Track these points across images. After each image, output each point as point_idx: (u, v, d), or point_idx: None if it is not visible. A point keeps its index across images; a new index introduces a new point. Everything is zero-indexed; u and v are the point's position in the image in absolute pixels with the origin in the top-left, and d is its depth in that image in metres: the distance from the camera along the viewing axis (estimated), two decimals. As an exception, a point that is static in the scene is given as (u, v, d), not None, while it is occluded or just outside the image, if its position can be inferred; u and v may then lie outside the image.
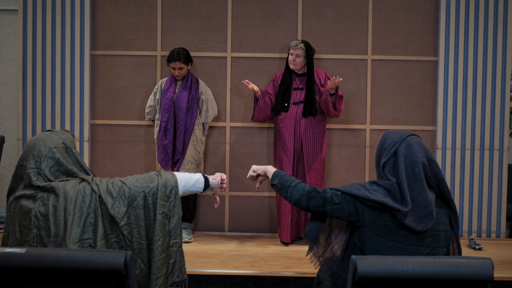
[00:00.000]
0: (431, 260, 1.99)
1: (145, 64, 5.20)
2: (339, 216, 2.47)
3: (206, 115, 4.90)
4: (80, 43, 5.14)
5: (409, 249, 2.37)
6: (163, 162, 4.78)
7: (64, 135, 2.59)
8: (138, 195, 2.50)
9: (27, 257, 1.96)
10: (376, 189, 2.43)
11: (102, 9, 5.19)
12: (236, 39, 5.20)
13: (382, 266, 1.96)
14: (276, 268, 4.07)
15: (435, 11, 5.16)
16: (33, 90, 5.13)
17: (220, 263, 4.17)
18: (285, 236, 4.79)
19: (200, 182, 2.69)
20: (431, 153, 2.49)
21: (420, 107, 5.19)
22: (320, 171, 4.82)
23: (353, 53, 5.19)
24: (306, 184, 2.56)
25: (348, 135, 5.20)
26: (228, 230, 5.24)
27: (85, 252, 2.01)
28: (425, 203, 2.35)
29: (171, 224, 2.53)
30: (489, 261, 1.99)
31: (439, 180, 2.45)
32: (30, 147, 2.50)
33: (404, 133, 2.52)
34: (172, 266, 2.54)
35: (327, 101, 4.62)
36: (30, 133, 5.13)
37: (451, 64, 5.12)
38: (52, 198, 2.40)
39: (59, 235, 2.36)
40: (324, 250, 2.67)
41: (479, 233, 5.15)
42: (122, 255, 1.96)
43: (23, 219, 2.40)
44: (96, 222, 2.42)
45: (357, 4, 5.18)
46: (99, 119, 5.23)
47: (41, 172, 2.45)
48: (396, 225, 2.37)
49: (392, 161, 2.47)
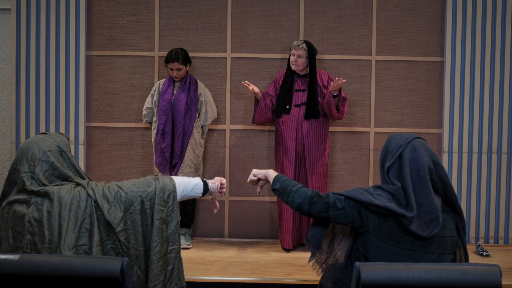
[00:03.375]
0: (437, 267, 2.00)
1: (142, 65, 5.21)
2: (342, 221, 2.47)
3: (205, 117, 4.90)
4: (75, 43, 5.15)
5: (415, 256, 2.37)
6: (160, 166, 4.78)
7: (59, 138, 2.60)
8: (135, 200, 2.50)
9: (21, 264, 1.96)
10: (380, 193, 2.44)
11: (98, 8, 5.20)
12: (236, 39, 5.21)
13: (387, 273, 1.96)
14: (278, 275, 4.07)
15: (442, 10, 5.17)
16: (26, 92, 5.14)
17: (220, 270, 4.17)
18: (287, 242, 4.79)
19: (199, 186, 2.70)
20: (437, 157, 2.49)
21: (425, 109, 5.20)
22: (323, 175, 4.83)
23: (357, 54, 5.19)
24: (308, 188, 2.56)
25: (351, 138, 5.21)
26: (228, 236, 5.24)
27: (80, 258, 2.01)
28: (431, 208, 2.36)
29: (169, 229, 2.53)
30: (497, 268, 1.99)
31: (445, 185, 2.45)
32: (23, 151, 2.51)
33: (410, 136, 2.52)
34: (170, 273, 2.54)
35: (330, 103, 4.62)
36: (23, 136, 5.13)
37: (458, 64, 5.12)
38: (46, 203, 2.40)
39: (54, 241, 2.36)
40: (327, 257, 2.68)
41: (487, 239, 5.15)
42: (119, 262, 1.96)
43: (17, 224, 2.40)
44: (91, 227, 2.42)
45: (361, 3, 5.18)
46: (95, 121, 5.23)
47: (35, 176, 2.45)
48: (401, 231, 2.37)
49: (397, 165, 2.48)
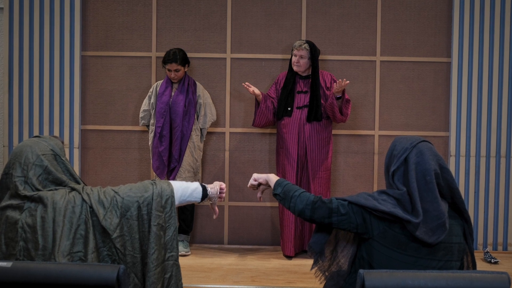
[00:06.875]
0: (444, 274, 2.00)
1: (139, 65, 5.22)
2: (346, 227, 2.47)
3: (204, 120, 4.90)
4: (70, 43, 5.16)
5: (421, 263, 2.37)
6: (158, 170, 4.79)
7: (53, 142, 2.60)
8: (131, 205, 2.50)
9: (14, 271, 1.96)
10: (385, 199, 2.44)
11: (93, 7, 5.21)
12: (236, 39, 5.22)
13: (392, 281, 1.96)
14: (279, 283, 4.07)
15: (448, 9, 5.18)
16: (19, 93, 5.14)
17: (219, 277, 4.17)
18: (288, 249, 4.79)
19: (198, 191, 2.70)
20: (443, 161, 2.49)
21: (432, 111, 5.20)
22: (326, 179, 4.83)
23: (361, 54, 5.20)
24: (310, 193, 2.56)
25: (355, 142, 5.21)
26: (228, 242, 5.24)
27: (75, 266, 2.01)
28: (437, 214, 2.36)
29: (166, 236, 2.53)
30: (506, 276, 1.99)
31: (452, 189, 2.45)
32: (16, 154, 2.51)
33: (415, 139, 2.52)
34: (168, 281, 2.54)
35: (333, 105, 4.62)
36: (16, 139, 5.14)
37: (465, 65, 5.13)
38: (40, 209, 2.41)
39: (48, 248, 2.36)
40: (330, 264, 2.68)
41: (495, 246, 5.14)
42: (115, 269, 1.96)
43: (9, 231, 2.40)
44: (87, 234, 2.42)
45: (365, 2, 5.19)
46: (90, 124, 5.24)
47: (28, 180, 2.45)
48: (407, 237, 2.37)
49: (402, 169, 2.48)
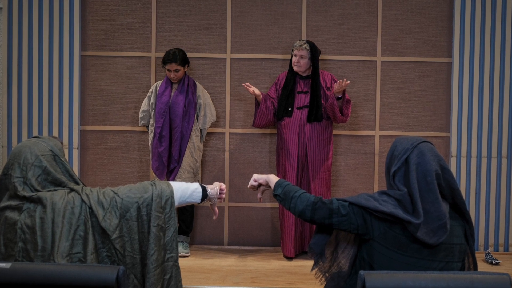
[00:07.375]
0: (445, 275, 2.00)
1: (139, 66, 5.22)
2: (347, 228, 2.47)
3: (204, 120, 4.90)
4: (69, 43, 5.16)
5: (421, 264, 2.37)
6: (157, 170, 4.79)
7: (52, 142, 2.60)
8: (131, 206, 2.50)
9: (12, 273, 1.96)
10: (386, 199, 2.44)
11: (92, 7, 5.21)
12: (236, 39, 5.22)
13: (393, 282, 1.96)
14: (279, 284, 4.07)
15: (450, 9, 5.18)
16: (18, 94, 5.14)
17: (219, 279, 4.17)
18: (289, 250, 4.79)
19: (198, 192, 2.70)
20: (444, 161, 2.49)
21: (433, 112, 5.20)
22: (326, 180, 4.83)
23: (361, 54, 5.20)
24: (311, 194, 2.56)
25: (356, 142, 5.21)
26: (228, 243, 5.24)
27: (74, 267, 2.01)
28: (438, 215, 2.36)
29: (166, 237, 2.53)
30: (507, 277, 1.99)
31: (453, 190, 2.45)
32: (15, 155, 2.51)
33: (416, 140, 2.52)
34: (167, 282, 2.54)
35: (334, 105, 4.63)
36: (15, 139, 5.14)
37: (467, 66, 5.12)
38: (39, 210, 2.41)
39: (47, 249, 2.36)
40: (330, 265, 2.68)
41: (496, 247, 5.14)
42: (114, 271, 1.96)
43: (8, 231, 2.40)
44: (86, 235, 2.42)
45: (365, 2, 5.19)
46: (90, 124, 5.24)
47: (27, 181, 2.45)
48: (408, 238, 2.37)
49: (403, 169, 2.48)
